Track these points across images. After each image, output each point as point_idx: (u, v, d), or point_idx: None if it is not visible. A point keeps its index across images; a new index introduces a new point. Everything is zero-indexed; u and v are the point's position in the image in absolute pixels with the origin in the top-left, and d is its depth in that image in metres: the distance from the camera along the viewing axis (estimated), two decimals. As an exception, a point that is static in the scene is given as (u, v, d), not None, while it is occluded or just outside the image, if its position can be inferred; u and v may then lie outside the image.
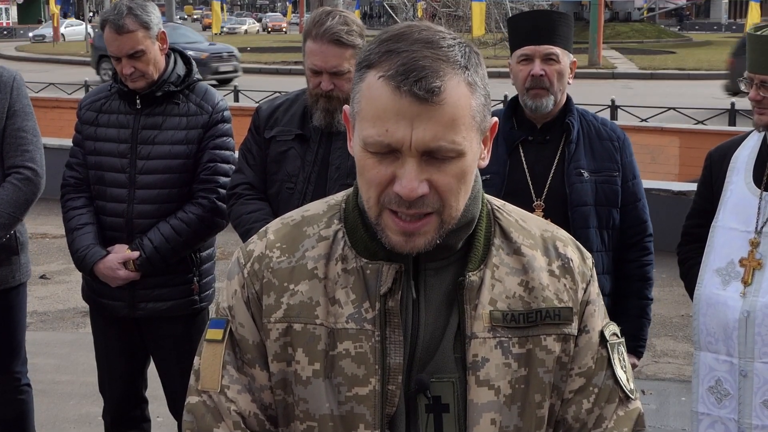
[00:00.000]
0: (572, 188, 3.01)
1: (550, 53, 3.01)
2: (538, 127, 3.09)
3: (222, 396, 1.50)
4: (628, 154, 3.13)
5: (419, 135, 1.34)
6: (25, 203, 3.51)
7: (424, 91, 1.33)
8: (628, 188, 3.11)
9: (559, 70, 3.01)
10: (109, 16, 3.36)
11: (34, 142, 3.55)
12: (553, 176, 3.04)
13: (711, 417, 2.99)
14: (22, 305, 3.74)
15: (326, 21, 3.04)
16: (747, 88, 2.97)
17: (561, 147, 3.06)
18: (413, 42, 1.37)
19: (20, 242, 3.65)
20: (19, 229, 3.62)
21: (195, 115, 3.45)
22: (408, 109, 1.33)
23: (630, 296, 3.16)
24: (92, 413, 4.73)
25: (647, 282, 3.19)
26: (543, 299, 1.49)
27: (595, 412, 1.53)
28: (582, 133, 3.09)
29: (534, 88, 3.00)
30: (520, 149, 3.07)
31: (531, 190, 3.03)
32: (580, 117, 3.12)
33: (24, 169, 3.50)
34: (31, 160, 3.52)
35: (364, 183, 1.41)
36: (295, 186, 3.15)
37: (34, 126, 3.57)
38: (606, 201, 3.05)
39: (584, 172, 3.03)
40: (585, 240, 2.98)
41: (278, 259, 1.51)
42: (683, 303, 6.62)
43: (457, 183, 1.39)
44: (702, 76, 26.97)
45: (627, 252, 3.15)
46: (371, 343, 1.45)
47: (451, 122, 1.35)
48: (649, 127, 12.25)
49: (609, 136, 3.12)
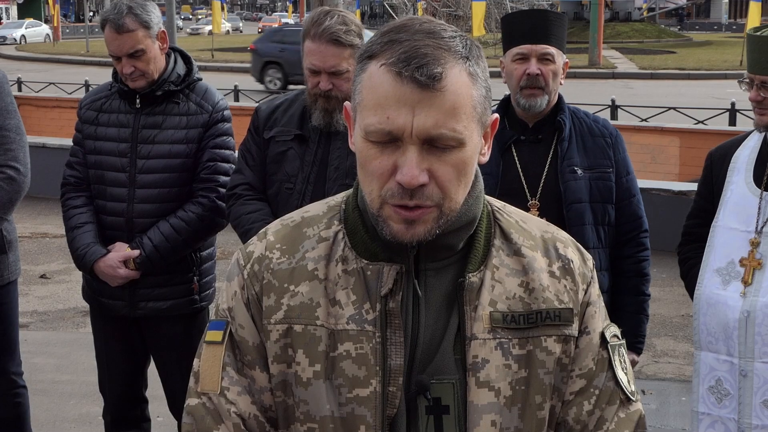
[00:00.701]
0: (566, 186, 3.01)
1: (546, 53, 3.01)
2: (530, 126, 3.09)
3: (222, 398, 1.49)
4: (621, 150, 3.13)
5: (420, 121, 1.34)
6: (9, 202, 3.50)
7: (426, 77, 1.33)
8: (623, 184, 3.11)
9: (554, 70, 3.02)
10: (109, 15, 3.36)
11: (17, 141, 3.52)
12: (547, 175, 3.04)
13: (711, 417, 2.99)
14: (13, 304, 3.72)
15: (324, 21, 3.04)
16: (747, 89, 2.97)
17: (554, 145, 3.06)
18: (415, 32, 1.37)
19: (8, 240, 3.63)
20: (7, 227, 3.60)
21: (195, 114, 3.45)
22: (409, 95, 1.33)
23: (627, 293, 3.15)
24: (92, 413, 4.73)
25: (644, 278, 3.18)
26: (543, 300, 1.49)
27: (595, 414, 1.53)
28: (574, 130, 3.09)
29: (529, 87, 3.00)
30: (512, 149, 3.07)
31: (525, 190, 3.03)
32: (571, 115, 3.12)
33: (7, 168, 3.48)
34: (14, 159, 3.50)
35: (365, 175, 1.41)
36: (294, 186, 3.15)
37: (17, 124, 3.54)
38: (601, 197, 3.05)
39: (578, 169, 3.03)
40: (581, 237, 2.98)
41: (278, 260, 1.51)
42: (683, 303, 6.63)
43: (458, 174, 1.38)
44: (702, 75, 27.01)
45: (623, 248, 3.14)
46: (372, 345, 1.44)
47: (452, 110, 1.35)
48: (650, 126, 12.26)
49: (601, 132, 3.12)
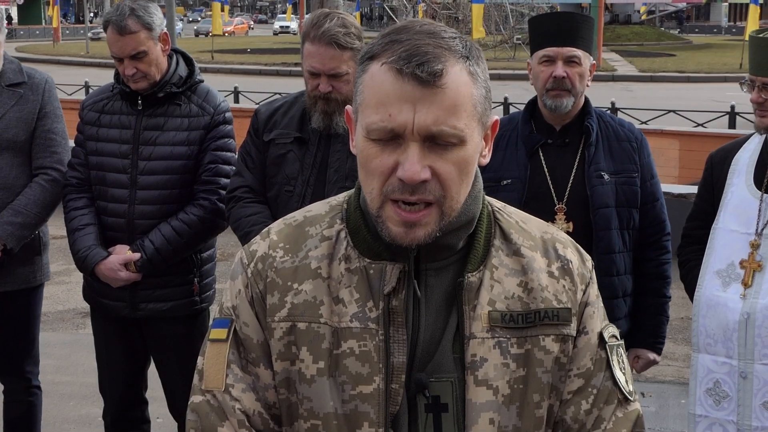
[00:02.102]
0: (593, 191, 3.03)
1: (572, 55, 3.03)
2: (557, 130, 3.10)
3: (226, 395, 1.50)
4: (646, 154, 3.15)
5: (421, 118, 1.35)
6: (51, 204, 3.57)
7: (427, 74, 1.34)
8: (647, 188, 3.13)
9: (580, 72, 3.04)
10: (111, 16, 3.37)
11: (63, 145, 3.62)
12: (574, 179, 3.05)
13: (709, 419, 3.00)
14: (39, 305, 3.80)
15: (324, 23, 3.04)
16: (748, 91, 2.98)
17: (581, 149, 3.08)
18: (416, 33, 1.39)
19: (43, 243, 3.71)
20: (43, 229, 3.68)
21: (197, 116, 3.46)
22: (411, 92, 1.35)
23: (648, 294, 3.19)
24: (92, 414, 4.74)
25: (665, 280, 3.22)
26: (542, 300, 1.50)
27: (593, 413, 1.54)
28: (600, 134, 3.11)
29: (555, 89, 3.02)
30: (540, 153, 3.08)
31: (552, 194, 3.04)
32: (597, 118, 3.13)
33: (51, 171, 3.57)
34: (59, 162, 3.58)
35: (367, 174, 1.42)
36: (294, 189, 3.15)
37: (64, 129, 3.65)
38: (626, 202, 3.07)
39: (604, 174, 3.05)
40: (607, 242, 3.01)
41: (281, 258, 1.52)
42: (683, 306, 6.62)
43: (458, 172, 1.40)
44: (702, 78, 27.04)
45: (645, 251, 3.17)
46: (375, 342, 1.45)
47: (453, 107, 1.37)
48: (649, 129, 12.24)
49: (627, 137, 3.14)
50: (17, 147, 3.52)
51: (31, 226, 3.51)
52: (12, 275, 3.58)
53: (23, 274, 3.63)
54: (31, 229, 3.53)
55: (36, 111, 3.55)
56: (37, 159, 3.56)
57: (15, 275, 3.59)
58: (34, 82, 3.58)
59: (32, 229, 3.54)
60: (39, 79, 3.60)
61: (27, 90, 3.56)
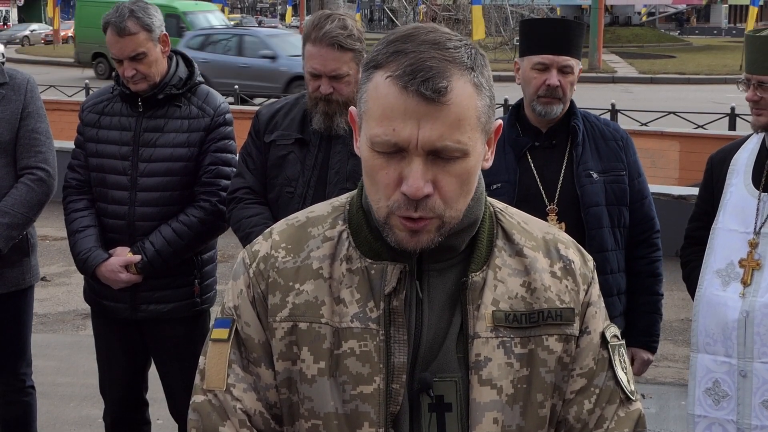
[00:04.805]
0: (583, 190, 3.04)
1: (567, 65, 3.04)
2: (544, 132, 3.11)
3: (228, 394, 1.51)
4: (632, 152, 3.17)
5: (425, 134, 1.36)
6: (38, 204, 3.55)
7: (431, 91, 1.35)
8: (635, 186, 3.15)
9: (572, 81, 3.07)
10: (111, 18, 3.37)
11: (47, 144, 3.60)
12: (563, 180, 3.07)
13: (708, 419, 3.00)
14: (30, 307, 3.78)
15: (325, 24, 3.04)
16: (745, 89, 2.98)
17: (568, 150, 3.10)
18: (420, 43, 1.39)
19: (31, 244, 3.69)
20: (30, 231, 3.66)
21: (197, 117, 3.46)
22: (415, 108, 1.35)
23: (641, 293, 3.21)
24: (92, 415, 4.74)
25: (657, 278, 3.23)
26: (545, 300, 1.51)
27: (596, 413, 1.54)
28: (587, 134, 3.12)
29: (547, 97, 3.03)
30: (528, 156, 3.09)
31: (543, 195, 3.06)
32: (583, 119, 3.15)
33: (37, 170, 3.55)
34: (44, 161, 3.57)
35: (372, 185, 1.43)
36: (294, 190, 3.15)
37: (47, 128, 3.63)
38: (616, 200, 3.09)
39: (593, 173, 3.07)
40: (599, 240, 3.02)
41: (283, 259, 1.53)
42: (683, 307, 6.63)
43: (461, 184, 1.41)
44: (702, 80, 27.04)
45: (636, 249, 3.18)
46: (376, 342, 1.46)
47: (457, 122, 1.37)
48: (649, 131, 12.24)
49: (613, 135, 3.16)
50: (1, 148, 3.50)
51: (18, 227, 3.49)
52: (1, 278, 3.57)
53: (13, 276, 3.61)
54: (19, 229, 3.51)
55: (19, 111, 3.53)
56: (22, 159, 3.54)
57: (4, 278, 3.58)
58: (16, 83, 3.55)
59: (20, 230, 3.51)
60: (21, 79, 3.57)
61: (9, 90, 3.53)
